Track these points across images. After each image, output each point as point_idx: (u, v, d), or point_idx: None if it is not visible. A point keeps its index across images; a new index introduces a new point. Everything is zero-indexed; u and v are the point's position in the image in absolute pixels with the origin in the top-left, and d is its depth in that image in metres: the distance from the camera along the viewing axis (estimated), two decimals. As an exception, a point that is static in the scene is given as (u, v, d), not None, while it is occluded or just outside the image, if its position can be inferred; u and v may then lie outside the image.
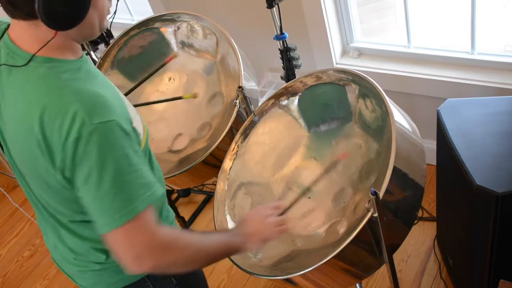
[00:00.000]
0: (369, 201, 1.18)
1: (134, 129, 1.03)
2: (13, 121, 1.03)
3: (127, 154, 0.97)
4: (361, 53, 2.34)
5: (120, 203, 0.96)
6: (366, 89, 1.46)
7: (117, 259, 1.01)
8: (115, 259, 1.04)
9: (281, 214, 1.35)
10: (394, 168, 1.20)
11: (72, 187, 1.01)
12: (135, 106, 1.70)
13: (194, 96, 1.87)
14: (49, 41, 0.98)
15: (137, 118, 1.10)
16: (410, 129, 1.38)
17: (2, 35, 1.05)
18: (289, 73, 1.92)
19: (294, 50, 1.89)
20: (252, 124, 1.66)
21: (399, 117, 1.35)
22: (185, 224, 2.60)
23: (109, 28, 2.47)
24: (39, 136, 0.97)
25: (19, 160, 1.10)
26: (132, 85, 2.01)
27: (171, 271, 1.13)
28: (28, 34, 1.00)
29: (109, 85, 1.08)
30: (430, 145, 1.87)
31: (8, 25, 1.05)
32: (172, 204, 2.58)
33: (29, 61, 0.99)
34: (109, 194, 0.96)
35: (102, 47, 2.45)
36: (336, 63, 2.35)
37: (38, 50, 0.99)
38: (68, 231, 1.16)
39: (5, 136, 1.09)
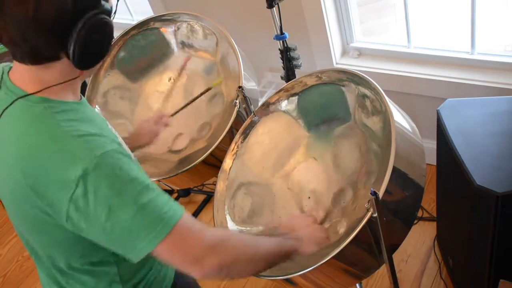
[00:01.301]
0: (368, 201, 1.18)
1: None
2: (2, 164, 1.00)
3: (138, 176, 0.95)
4: (361, 53, 2.34)
5: (154, 219, 0.93)
6: (366, 89, 1.46)
7: (180, 270, 0.99)
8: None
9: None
10: (394, 168, 1.20)
11: (79, 232, 0.97)
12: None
13: (220, 81, 1.84)
14: (73, 79, 0.99)
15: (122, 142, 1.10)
16: (410, 129, 1.38)
17: (2, 78, 1.04)
18: (289, 73, 1.92)
19: (294, 50, 1.89)
20: (252, 124, 1.66)
21: (399, 117, 1.34)
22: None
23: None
24: (23, 182, 0.94)
25: (10, 211, 1.07)
26: (132, 85, 2.01)
27: (235, 273, 1.05)
28: (30, 76, 0.98)
29: (107, 129, 1.06)
30: (430, 145, 1.87)
31: (10, 68, 1.05)
32: (172, 204, 2.57)
33: (20, 97, 0.97)
34: (139, 216, 0.92)
35: (102, 47, 2.45)
36: (336, 63, 2.35)
37: (50, 86, 0.97)
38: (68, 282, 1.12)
39: None
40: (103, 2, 0.96)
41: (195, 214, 2.68)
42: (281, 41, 1.86)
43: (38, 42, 0.92)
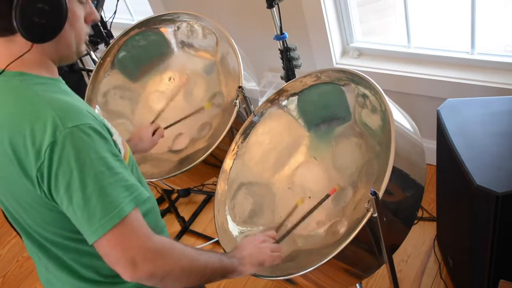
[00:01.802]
0: (368, 201, 1.18)
1: (113, 141, 1.01)
2: None
3: (106, 157, 0.95)
4: (361, 53, 2.34)
5: (106, 207, 0.92)
6: (366, 89, 1.46)
7: (112, 266, 0.96)
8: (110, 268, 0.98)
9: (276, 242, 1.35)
10: (394, 168, 1.20)
11: (53, 202, 0.97)
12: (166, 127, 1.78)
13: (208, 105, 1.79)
14: (25, 53, 0.97)
15: (119, 139, 1.09)
16: (410, 129, 1.38)
17: None
18: (289, 73, 1.92)
19: (294, 50, 1.89)
20: (252, 124, 1.66)
21: (399, 117, 1.35)
22: (185, 224, 2.61)
23: (109, 28, 2.48)
24: (9, 150, 0.94)
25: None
26: (132, 85, 2.01)
27: (166, 284, 1.02)
28: (1, 51, 0.99)
29: (85, 104, 1.06)
30: (430, 145, 1.87)
31: None
32: (172, 204, 2.58)
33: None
34: (93, 198, 0.92)
35: (102, 47, 2.45)
36: (336, 63, 2.35)
37: (11, 63, 0.97)
38: (56, 264, 1.11)
39: None
40: None
41: (195, 214, 2.68)
42: (281, 41, 1.86)
43: None
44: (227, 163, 1.62)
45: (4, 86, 0.99)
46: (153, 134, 1.69)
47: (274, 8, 1.76)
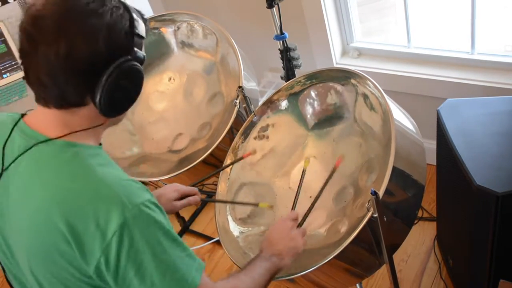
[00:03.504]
0: (369, 201, 1.18)
1: None
2: (25, 213, 0.93)
3: (170, 231, 0.93)
4: (361, 53, 2.34)
5: (180, 280, 0.92)
6: (366, 88, 1.46)
7: None
8: None
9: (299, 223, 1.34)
10: (394, 167, 1.20)
11: (105, 285, 0.92)
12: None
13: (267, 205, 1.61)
14: (97, 126, 0.96)
15: None
16: (410, 128, 1.38)
17: (16, 124, 0.99)
18: (289, 73, 1.92)
19: (294, 50, 1.89)
20: (252, 124, 1.66)
21: (399, 116, 1.35)
22: (185, 224, 2.60)
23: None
24: (64, 228, 0.88)
25: (26, 260, 0.97)
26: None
27: None
28: (53, 120, 0.94)
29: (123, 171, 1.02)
30: (430, 145, 1.87)
31: (22, 115, 1.00)
32: (172, 204, 2.57)
33: (41, 142, 0.93)
34: (167, 275, 0.91)
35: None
36: (336, 63, 2.35)
37: (69, 134, 0.94)
38: None
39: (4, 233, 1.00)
40: (136, 49, 0.93)
41: (195, 214, 2.68)
42: (281, 41, 1.86)
43: (67, 84, 0.89)
44: (228, 163, 1.62)
45: (54, 157, 0.93)
46: (181, 198, 1.42)
47: (274, 8, 1.76)
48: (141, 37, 0.94)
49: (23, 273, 1.02)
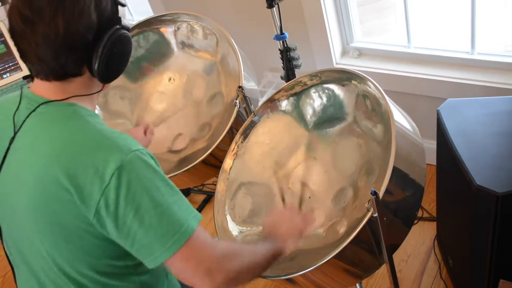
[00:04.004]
0: (369, 201, 1.18)
1: None
2: (34, 167, 0.98)
3: (165, 178, 0.98)
4: (361, 53, 2.34)
5: (176, 223, 0.95)
6: (366, 89, 1.46)
7: (188, 281, 0.99)
8: (185, 283, 1.01)
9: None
10: (394, 168, 1.20)
11: (101, 229, 0.96)
12: None
13: None
14: (96, 93, 1.05)
15: None
16: (410, 129, 1.38)
17: (22, 95, 1.06)
18: (289, 73, 1.92)
19: (294, 50, 1.89)
20: (252, 124, 1.67)
21: (399, 117, 1.35)
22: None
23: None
24: (63, 178, 0.93)
25: (27, 214, 1.01)
26: (132, 85, 2.01)
27: (240, 282, 1.07)
28: (53, 89, 1.01)
29: None
30: (430, 145, 1.87)
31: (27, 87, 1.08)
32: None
33: (46, 102, 1.00)
34: (165, 216, 0.94)
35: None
36: (336, 63, 2.35)
37: (70, 97, 1.01)
38: None
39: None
40: (122, 19, 1.00)
41: (195, 214, 2.68)
42: (281, 41, 1.86)
43: (67, 59, 0.95)
44: (227, 163, 1.63)
45: (56, 113, 1.00)
46: (145, 133, 1.68)
47: (274, 8, 1.76)
48: (122, 5, 1.02)
49: (23, 236, 1.06)
